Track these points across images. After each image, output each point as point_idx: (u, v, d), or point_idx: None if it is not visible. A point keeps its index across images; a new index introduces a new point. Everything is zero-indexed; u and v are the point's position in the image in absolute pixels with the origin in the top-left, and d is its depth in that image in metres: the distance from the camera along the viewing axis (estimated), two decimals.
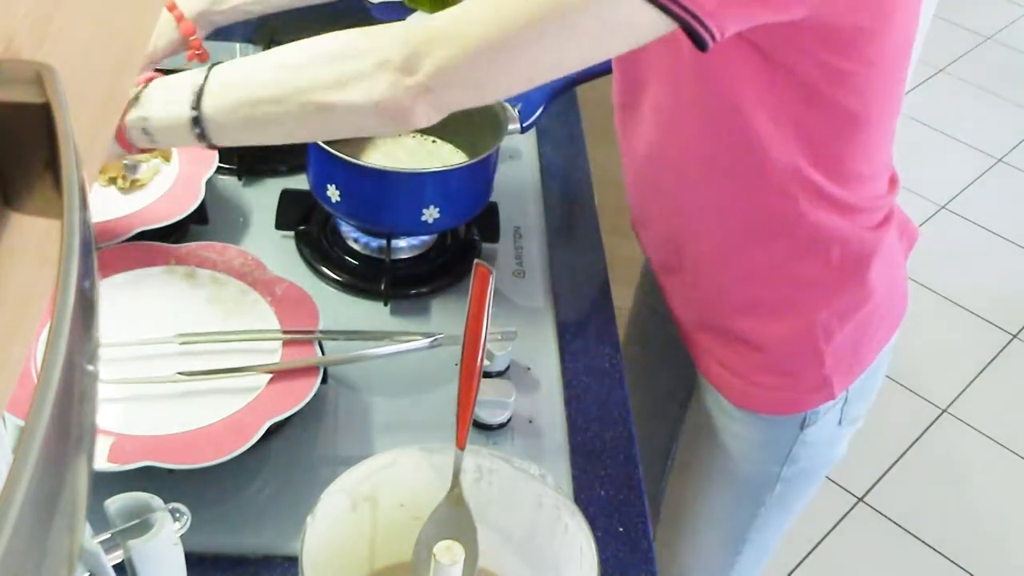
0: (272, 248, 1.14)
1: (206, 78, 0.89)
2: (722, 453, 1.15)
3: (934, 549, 2.13)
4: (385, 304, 1.11)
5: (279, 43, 1.44)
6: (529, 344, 1.08)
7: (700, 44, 0.80)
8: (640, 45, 0.83)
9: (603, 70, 1.30)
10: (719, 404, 1.12)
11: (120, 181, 1.12)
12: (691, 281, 1.10)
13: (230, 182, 1.23)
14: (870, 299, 1.03)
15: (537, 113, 1.25)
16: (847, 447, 1.17)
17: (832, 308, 1.02)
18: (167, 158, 1.17)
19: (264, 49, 1.39)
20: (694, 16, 0.77)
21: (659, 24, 0.78)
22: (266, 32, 1.44)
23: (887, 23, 0.87)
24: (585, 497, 0.96)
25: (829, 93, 0.89)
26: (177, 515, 0.70)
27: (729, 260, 1.04)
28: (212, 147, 0.92)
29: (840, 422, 1.11)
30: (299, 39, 1.48)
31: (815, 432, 1.10)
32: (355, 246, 1.17)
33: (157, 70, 1.31)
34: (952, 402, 2.42)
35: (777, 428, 1.10)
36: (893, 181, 1.04)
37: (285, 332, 0.98)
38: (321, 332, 0.99)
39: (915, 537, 2.15)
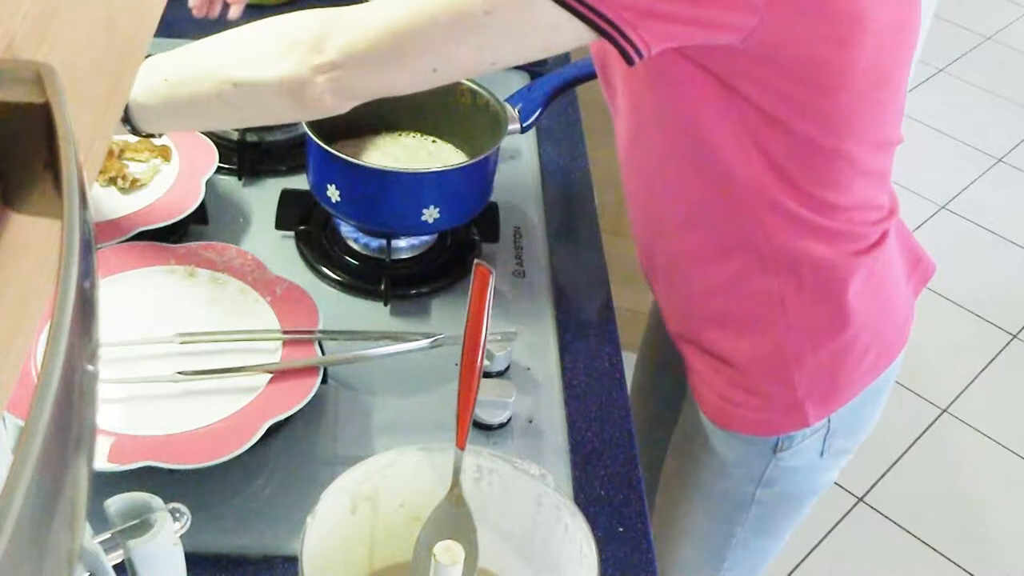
0: (272, 248, 1.14)
1: None
2: (701, 468, 1.14)
3: (934, 549, 2.13)
4: (385, 304, 1.11)
5: None
6: (529, 344, 1.08)
7: (627, 59, 0.79)
8: (564, 51, 0.83)
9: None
10: (699, 418, 1.11)
11: (120, 181, 1.12)
12: (665, 290, 1.09)
13: (230, 182, 1.23)
14: (848, 326, 0.99)
15: (537, 113, 1.25)
16: (837, 476, 1.15)
17: (803, 331, 0.99)
18: (167, 158, 1.17)
19: None
20: (613, 26, 0.77)
21: (580, 32, 0.78)
22: None
23: (848, 52, 0.84)
24: (585, 497, 0.96)
25: (787, 119, 0.87)
26: (177, 515, 0.70)
27: (695, 270, 1.02)
28: (136, 133, 0.94)
29: (822, 453, 1.08)
30: None
31: (791, 458, 1.08)
32: (355, 246, 1.17)
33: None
34: (952, 402, 2.42)
35: (750, 448, 1.09)
36: (886, 209, 1.01)
37: (285, 332, 0.98)
38: (321, 332, 0.99)
39: (915, 537, 2.15)
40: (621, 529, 0.95)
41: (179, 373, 0.93)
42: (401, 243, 1.16)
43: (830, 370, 1.03)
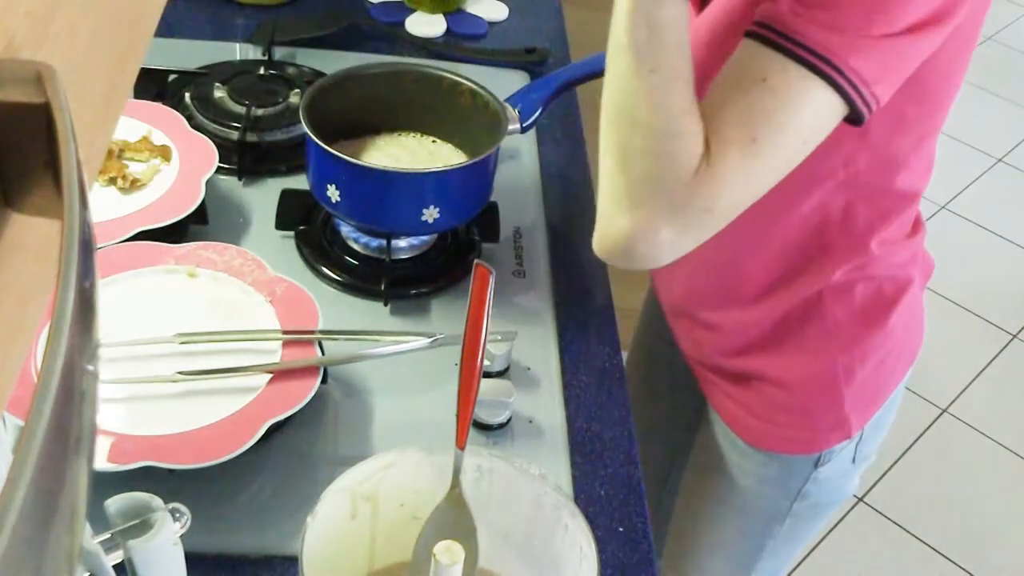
0: (272, 248, 1.14)
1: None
2: (731, 487, 1.14)
3: (934, 549, 2.13)
4: (385, 304, 1.11)
5: (277, 44, 1.45)
6: (529, 344, 1.08)
7: (858, 117, 0.78)
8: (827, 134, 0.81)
9: (597, 73, 1.30)
10: (730, 440, 1.11)
11: (120, 181, 1.12)
12: (701, 332, 1.09)
13: (230, 182, 1.23)
14: (889, 338, 1.02)
15: (537, 113, 1.26)
16: (859, 481, 1.16)
17: (854, 348, 1.01)
18: (167, 158, 1.17)
19: (264, 50, 1.40)
20: (855, 89, 0.76)
21: (835, 107, 0.77)
22: (266, 32, 1.44)
23: (959, 68, 0.88)
24: (585, 497, 0.96)
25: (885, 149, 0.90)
26: (177, 515, 0.70)
27: (751, 310, 1.02)
28: None
29: (854, 459, 1.10)
30: (296, 40, 1.49)
31: (828, 469, 1.09)
32: (355, 246, 1.17)
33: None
34: (952, 402, 2.42)
35: (791, 466, 1.09)
36: (918, 222, 1.03)
37: (285, 332, 0.98)
38: (321, 332, 0.99)
39: (915, 537, 2.15)
40: (621, 529, 0.95)
41: (179, 373, 0.93)
42: (401, 243, 1.16)
43: (873, 381, 1.05)
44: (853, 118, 0.79)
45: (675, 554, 1.30)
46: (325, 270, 1.13)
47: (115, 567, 0.67)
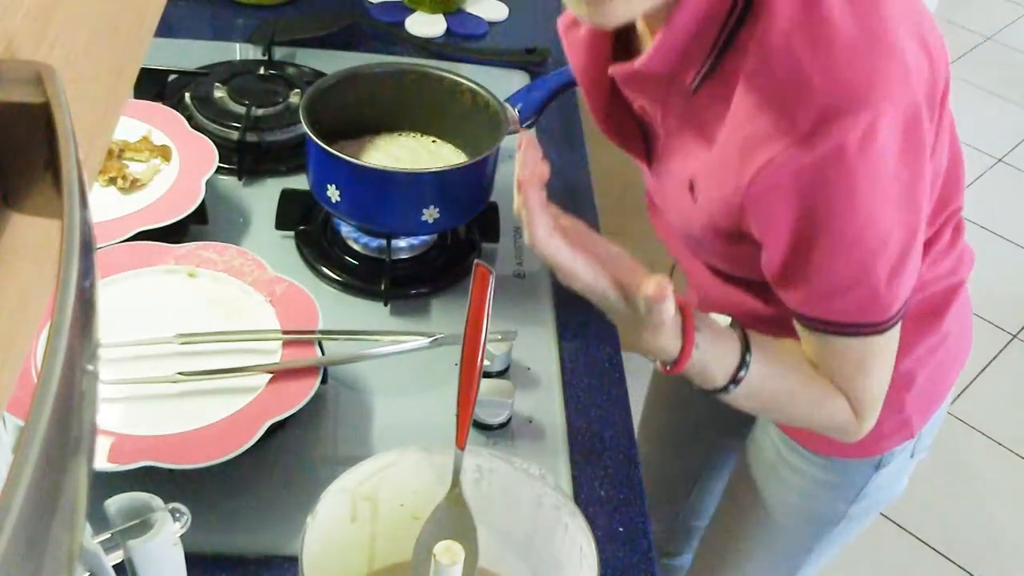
0: (272, 248, 1.14)
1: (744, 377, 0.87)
2: (787, 490, 1.13)
3: (933, 549, 2.13)
4: (385, 304, 1.11)
5: (277, 44, 1.45)
6: (529, 344, 1.08)
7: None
8: None
9: None
10: (788, 445, 1.10)
11: (120, 181, 1.12)
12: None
13: (230, 182, 1.23)
14: (945, 341, 1.03)
15: (537, 113, 1.26)
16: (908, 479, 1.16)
17: (913, 355, 1.01)
18: (167, 158, 1.17)
19: (264, 50, 1.40)
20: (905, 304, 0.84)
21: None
22: (266, 32, 1.44)
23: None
24: (585, 497, 0.96)
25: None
26: (177, 515, 0.70)
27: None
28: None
29: (912, 455, 1.10)
30: (296, 40, 1.48)
31: (889, 470, 1.09)
32: (355, 246, 1.17)
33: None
34: (952, 402, 2.42)
35: (852, 470, 1.09)
36: (959, 224, 1.04)
37: (285, 332, 0.98)
38: (321, 332, 0.99)
39: (915, 536, 2.15)
40: (621, 529, 0.95)
41: (179, 373, 0.93)
42: (401, 243, 1.16)
43: (932, 382, 1.05)
44: None
45: (713, 556, 1.30)
46: (325, 270, 1.13)
47: (115, 567, 0.66)
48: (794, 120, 0.74)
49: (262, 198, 1.21)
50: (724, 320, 0.88)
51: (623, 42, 0.89)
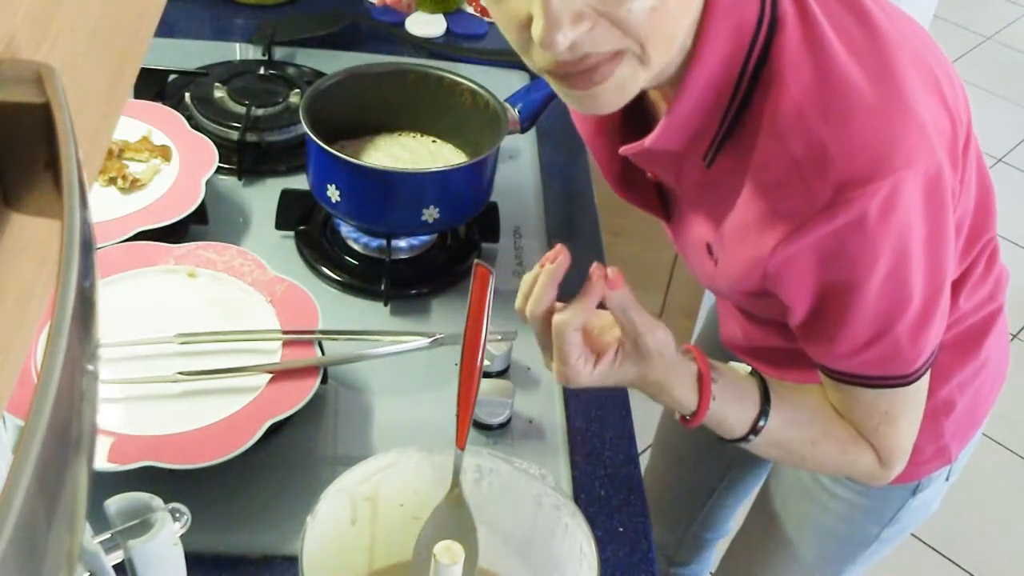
0: (272, 248, 1.14)
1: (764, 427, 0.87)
2: (819, 513, 1.12)
3: (934, 549, 2.13)
4: (385, 304, 1.11)
5: (277, 44, 1.45)
6: (529, 344, 1.08)
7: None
8: None
9: None
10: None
11: (120, 181, 1.12)
12: (790, 373, 1.08)
13: (230, 182, 1.23)
14: (984, 367, 1.02)
15: (537, 113, 1.26)
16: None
17: (951, 382, 1.00)
18: (167, 158, 1.17)
19: (264, 50, 1.40)
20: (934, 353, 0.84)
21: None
22: (266, 32, 1.44)
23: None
24: (585, 497, 0.96)
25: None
26: (177, 515, 0.70)
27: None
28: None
29: (947, 478, 1.10)
30: (296, 40, 1.48)
31: (925, 494, 1.08)
32: (355, 246, 1.17)
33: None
34: None
35: (889, 495, 1.08)
36: (995, 249, 1.04)
37: (285, 332, 0.98)
38: (321, 332, 0.99)
39: (914, 537, 2.15)
40: (621, 529, 0.95)
41: (179, 373, 0.93)
42: (401, 243, 1.16)
43: (971, 408, 1.05)
44: None
45: (738, 571, 1.29)
46: (325, 270, 1.13)
47: (115, 567, 0.66)
48: (811, 191, 0.72)
49: (262, 198, 1.21)
50: (744, 369, 0.88)
51: (635, 112, 0.86)
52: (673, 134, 0.79)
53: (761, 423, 0.85)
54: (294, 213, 1.18)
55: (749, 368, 0.88)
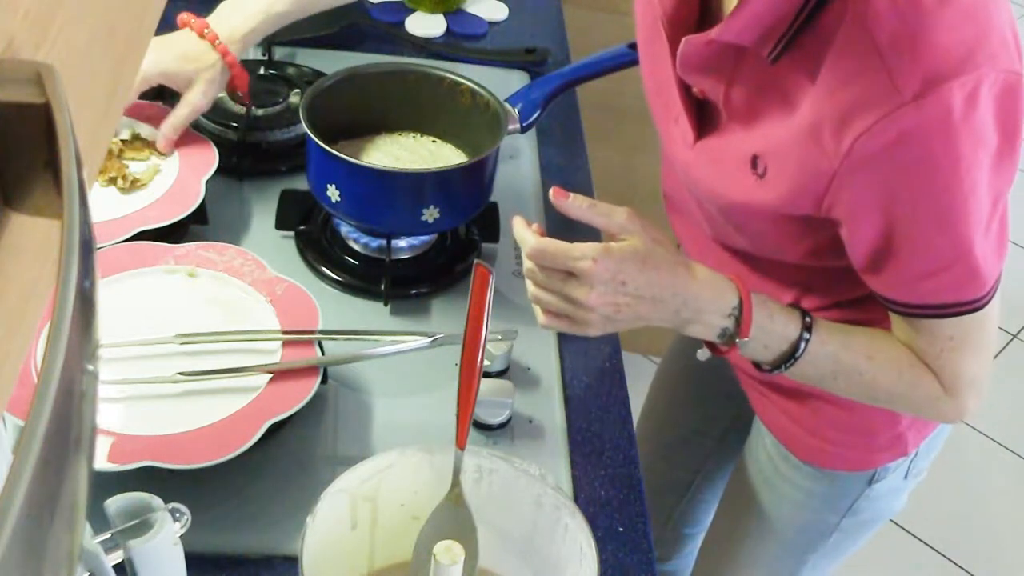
0: (272, 248, 1.14)
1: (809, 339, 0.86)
2: (779, 500, 1.12)
3: (933, 549, 2.13)
4: (385, 304, 1.11)
5: (277, 43, 1.45)
6: (529, 344, 1.08)
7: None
8: None
9: (597, 73, 1.30)
10: (781, 455, 1.10)
11: (120, 181, 1.12)
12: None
13: (230, 182, 1.23)
14: None
15: (537, 113, 1.25)
16: (907, 498, 1.15)
17: None
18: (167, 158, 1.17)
19: (264, 50, 1.40)
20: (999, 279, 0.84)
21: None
22: None
23: None
24: (585, 497, 0.96)
25: None
26: (177, 515, 0.70)
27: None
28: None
29: (906, 475, 1.09)
30: (296, 40, 1.48)
31: (881, 486, 1.08)
32: (355, 246, 1.17)
33: (162, 87, 1.31)
34: None
35: (843, 483, 1.08)
36: None
37: (285, 332, 0.98)
38: (321, 332, 0.99)
39: (914, 536, 2.15)
40: (621, 529, 0.95)
41: (179, 373, 0.93)
42: (401, 243, 1.16)
43: None
44: None
45: (710, 563, 1.29)
46: (325, 270, 1.13)
47: (115, 567, 0.67)
48: (896, 84, 0.71)
49: (262, 198, 1.21)
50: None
51: (701, 10, 0.85)
52: (746, 25, 0.77)
53: (808, 319, 0.84)
54: (294, 213, 1.18)
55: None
